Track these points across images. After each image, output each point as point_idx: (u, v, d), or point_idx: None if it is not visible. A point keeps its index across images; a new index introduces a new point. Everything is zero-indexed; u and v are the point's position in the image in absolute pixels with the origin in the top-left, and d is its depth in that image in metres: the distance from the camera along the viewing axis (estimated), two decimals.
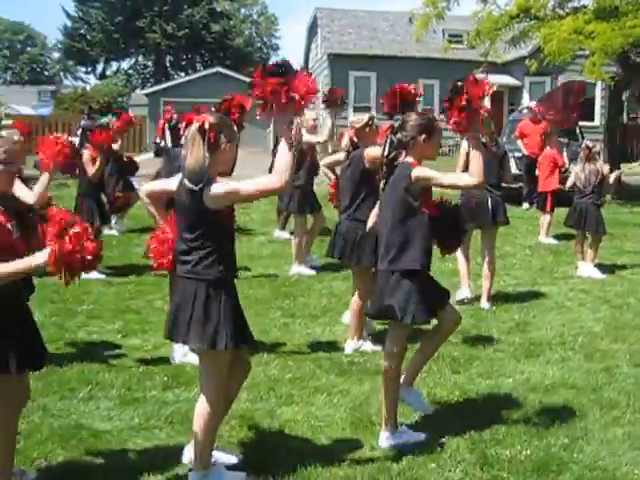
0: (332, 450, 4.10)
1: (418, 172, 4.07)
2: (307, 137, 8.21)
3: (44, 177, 5.17)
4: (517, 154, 13.59)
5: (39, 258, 3.08)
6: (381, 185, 4.31)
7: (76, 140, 8.47)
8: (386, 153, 4.22)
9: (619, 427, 4.39)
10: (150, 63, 52.01)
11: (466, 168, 6.98)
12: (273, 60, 3.46)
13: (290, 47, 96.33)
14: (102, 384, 5.07)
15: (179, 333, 3.60)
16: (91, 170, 7.97)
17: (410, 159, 4.16)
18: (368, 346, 5.88)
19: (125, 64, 53.58)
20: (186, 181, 3.53)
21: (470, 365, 5.48)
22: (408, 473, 3.81)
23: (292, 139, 3.39)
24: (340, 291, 7.66)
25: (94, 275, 8.04)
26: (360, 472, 3.82)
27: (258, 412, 4.63)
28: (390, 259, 4.14)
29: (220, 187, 3.47)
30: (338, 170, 6.71)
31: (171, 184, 3.75)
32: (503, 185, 7.35)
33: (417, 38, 16.40)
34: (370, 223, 4.99)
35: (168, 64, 51.28)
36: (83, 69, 52.34)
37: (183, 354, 5.49)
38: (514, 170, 13.50)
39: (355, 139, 6.00)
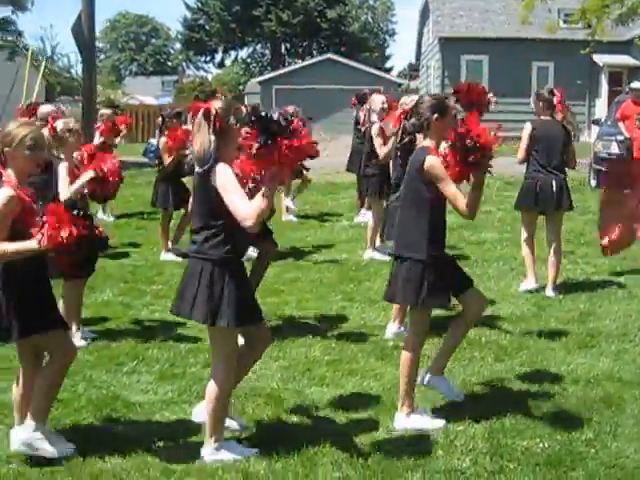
0: (347, 431, 4.12)
1: (431, 163, 3.98)
2: (376, 143, 8.13)
3: (85, 176, 5.37)
4: (619, 137, 12.94)
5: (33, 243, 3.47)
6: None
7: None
8: (398, 139, 4.18)
9: None
10: (267, 51, 52.94)
11: (527, 154, 6.84)
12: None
13: (405, 32, 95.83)
14: (148, 359, 5.31)
15: (184, 309, 3.73)
16: (166, 158, 8.25)
17: (427, 142, 4.10)
18: None
19: (244, 53, 54.86)
20: (196, 166, 3.65)
21: (516, 354, 5.32)
22: (413, 458, 3.76)
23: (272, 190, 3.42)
24: None
25: (170, 257, 8.38)
26: (365, 454, 3.82)
27: (287, 392, 4.71)
28: (400, 245, 4.13)
29: (224, 171, 3.55)
30: None
31: None
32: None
33: (523, 20, 15.84)
34: None
35: (285, 51, 52.04)
36: (202, 59, 53.80)
37: None
38: (616, 151, 13.04)
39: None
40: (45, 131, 5.03)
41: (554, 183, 6.79)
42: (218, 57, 53.78)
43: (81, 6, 16.99)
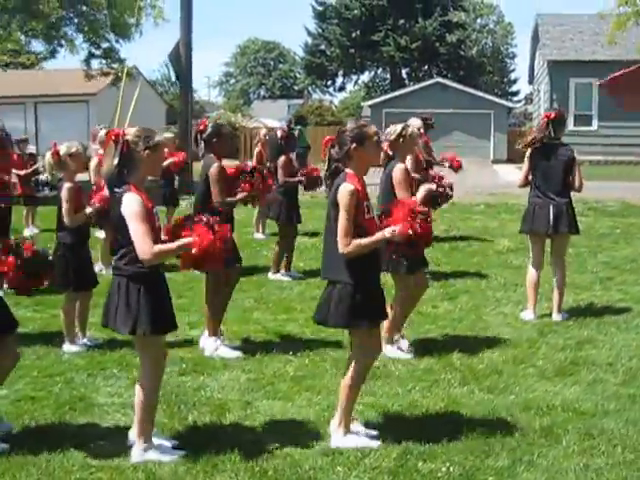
0: (266, 442, 4.24)
1: (340, 192, 4.06)
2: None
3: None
4: None
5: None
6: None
7: None
8: (325, 167, 4.27)
9: (583, 458, 4.01)
10: (388, 75, 53.36)
11: (526, 176, 6.75)
12: None
13: (523, 55, 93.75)
14: (131, 366, 5.61)
15: (110, 321, 4.05)
16: (281, 175, 8.64)
17: (348, 170, 4.18)
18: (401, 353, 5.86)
19: (365, 77, 55.53)
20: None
21: (484, 379, 5.24)
22: (312, 471, 3.85)
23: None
24: None
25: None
26: (270, 464, 3.95)
27: (238, 402, 4.89)
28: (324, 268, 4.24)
29: (130, 203, 3.90)
30: None
31: None
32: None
33: (609, 40, 15.35)
34: None
35: (405, 76, 52.26)
36: (323, 83, 54.89)
37: (215, 348, 5.91)
38: None
39: (389, 151, 5.90)
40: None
41: (552, 208, 6.63)
42: (339, 81, 54.77)
43: (179, 35, 17.99)
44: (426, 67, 50.18)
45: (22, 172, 11.41)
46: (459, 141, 33.03)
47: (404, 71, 51.52)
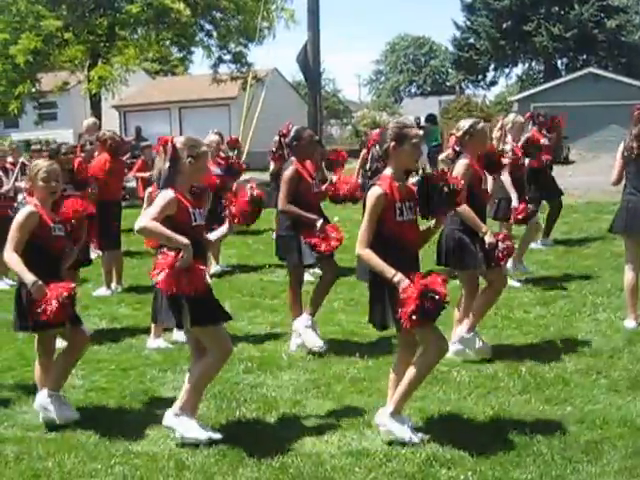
0: (306, 442, 4.32)
1: (369, 193, 4.06)
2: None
3: None
4: None
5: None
6: None
7: None
8: (368, 166, 4.26)
9: (620, 477, 3.75)
10: (542, 67, 51.38)
11: (621, 175, 6.34)
12: None
13: None
14: (108, 362, 6.01)
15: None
16: None
17: (387, 171, 4.15)
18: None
19: (519, 70, 53.82)
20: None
21: (548, 388, 5.01)
22: (329, 472, 3.88)
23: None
24: None
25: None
26: (297, 463, 4.02)
27: (288, 401, 4.99)
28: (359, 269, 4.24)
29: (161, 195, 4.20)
30: None
31: None
32: None
33: None
34: None
35: (561, 66, 50.11)
36: (473, 78, 53.74)
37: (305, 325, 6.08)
38: None
39: (456, 147, 5.77)
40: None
41: None
42: (490, 75, 53.42)
43: (307, 37, 18.32)
44: (584, 56, 47.81)
45: (146, 175, 12.14)
46: (613, 135, 31.28)
47: (559, 62, 49.41)
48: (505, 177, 7.96)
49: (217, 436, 4.33)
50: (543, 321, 6.75)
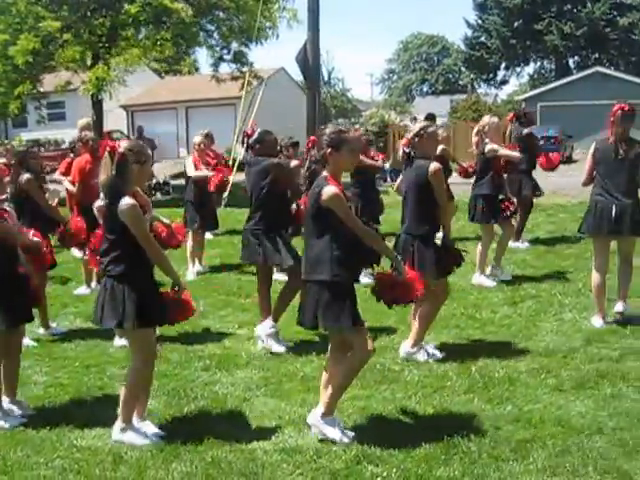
0: (244, 438, 4.41)
1: (327, 194, 4.12)
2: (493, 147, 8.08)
3: None
4: None
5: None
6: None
7: None
8: (306, 167, 4.34)
9: (542, 475, 3.81)
10: (553, 66, 51.14)
11: (590, 176, 6.38)
12: None
13: None
14: (73, 359, 6.12)
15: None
16: None
17: (325, 173, 4.23)
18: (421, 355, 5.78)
19: (530, 69, 53.57)
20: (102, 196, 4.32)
21: (493, 388, 5.06)
22: (259, 467, 3.97)
23: None
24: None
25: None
26: (230, 458, 4.11)
27: (235, 399, 5.08)
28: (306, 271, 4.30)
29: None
30: None
31: None
32: None
33: None
34: None
35: (573, 65, 49.85)
36: (484, 77, 53.56)
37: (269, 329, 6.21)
38: None
39: (406, 149, 5.80)
40: None
41: (614, 208, 6.23)
42: (501, 74, 53.25)
43: (307, 36, 18.38)
44: (596, 55, 47.49)
45: None
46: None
47: (571, 61, 49.14)
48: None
49: (156, 438, 4.44)
50: (507, 321, 6.79)
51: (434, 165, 5.54)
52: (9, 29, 17.02)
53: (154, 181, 12.71)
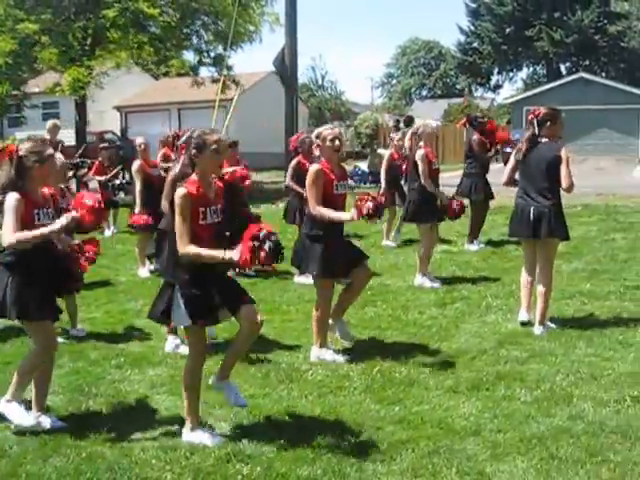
0: (131, 434, 4.48)
1: (176, 195, 4.20)
2: (421, 157, 8.15)
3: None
4: None
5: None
6: None
7: None
8: (177, 170, 4.36)
9: (401, 477, 3.87)
10: (544, 72, 51.31)
11: (510, 177, 6.47)
12: None
13: None
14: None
15: None
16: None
17: (194, 176, 4.29)
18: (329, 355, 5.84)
19: (523, 74, 53.75)
20: None
21: (390, 388, 5.11)
22: (131, 463, 4.04)
23: None
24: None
25: None
26: (106, 453, 4.19)
27: (134, 396, 5.14)
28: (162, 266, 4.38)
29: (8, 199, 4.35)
30: None
31: None
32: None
33: None
34: None
35: (565, 71, 49.99)
36: (478, 81, 53.71)
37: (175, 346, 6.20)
38: None
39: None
40: None
41: (532, 210, 6.30)
42: (494, 79, 53.46)
43: (284, 41, 18.49)
44: (587, 62, 47.62)
45: (102, 178, 12.36)
46: (603, 139, 31.20)
47: (562, 66, 49.28)
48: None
49: (45, 424, 4.52)
50: (430, 322, 6.84)
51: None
52: None
53: (117, 182, 12.80)
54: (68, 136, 26.25)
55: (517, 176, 6.61)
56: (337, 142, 5.70)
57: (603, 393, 4.90)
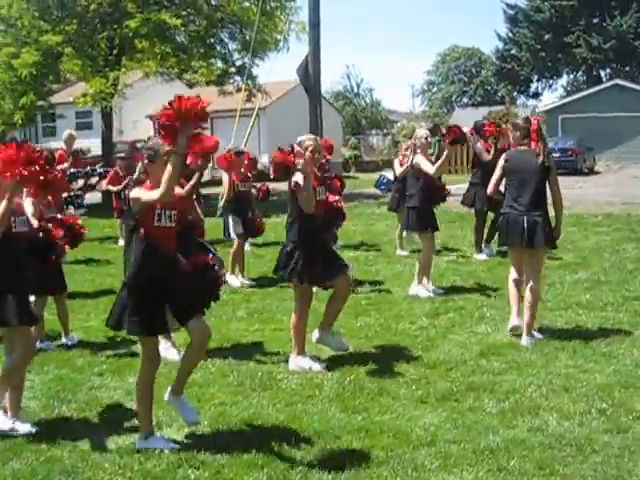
0: (83, 439, 4.58)
1: (132, 195, 4.31)
2: (419, 159, 8.15)
3: None
4: None
5: None
6: None
7: None
8: (135, 176, 4.49)
9: None
10: (584, 78, 50.62)
11: (496, 186, 6.46)
12: None
13: None
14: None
15: None
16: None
17: (147, 182, 4.39)
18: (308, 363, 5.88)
19: (563, 81, 53.17)
20: None
21: (360, 398, 5.13)
22: (78, 467, 4.13)
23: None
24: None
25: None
26: (59, 456, 4.29)
27: (106, 402, 5.25)
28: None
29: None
30: None
31: None
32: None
33: None
34: None
35: (605, 77, 49.24)
36: (517, 88, 53.23)
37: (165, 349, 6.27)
38: None
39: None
40: None
41: (525, 220, 6.26)
42: (533, 86, 52.99)
43: (308, 50, 18.60)
44: (627, 68, 46.82)
45: (115, 188, 12.58)
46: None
47: (603, 72, 48.57)
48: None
49: (24, 428, 4.64)
50: (418, 332, 6.81)
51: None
52: (15, 42, 17.62)
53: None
54: (98, 146, 26.87)
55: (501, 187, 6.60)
56: (316, 155, 5.84)
57: (571, 405, 4.85)
